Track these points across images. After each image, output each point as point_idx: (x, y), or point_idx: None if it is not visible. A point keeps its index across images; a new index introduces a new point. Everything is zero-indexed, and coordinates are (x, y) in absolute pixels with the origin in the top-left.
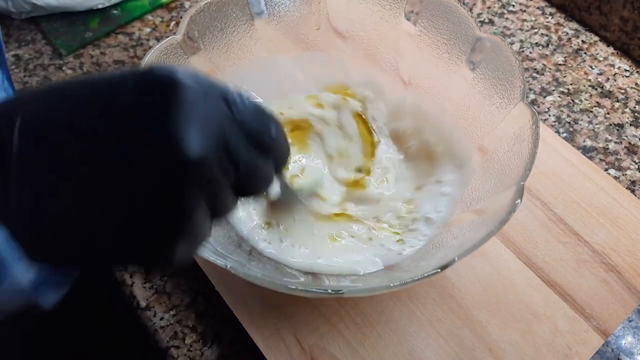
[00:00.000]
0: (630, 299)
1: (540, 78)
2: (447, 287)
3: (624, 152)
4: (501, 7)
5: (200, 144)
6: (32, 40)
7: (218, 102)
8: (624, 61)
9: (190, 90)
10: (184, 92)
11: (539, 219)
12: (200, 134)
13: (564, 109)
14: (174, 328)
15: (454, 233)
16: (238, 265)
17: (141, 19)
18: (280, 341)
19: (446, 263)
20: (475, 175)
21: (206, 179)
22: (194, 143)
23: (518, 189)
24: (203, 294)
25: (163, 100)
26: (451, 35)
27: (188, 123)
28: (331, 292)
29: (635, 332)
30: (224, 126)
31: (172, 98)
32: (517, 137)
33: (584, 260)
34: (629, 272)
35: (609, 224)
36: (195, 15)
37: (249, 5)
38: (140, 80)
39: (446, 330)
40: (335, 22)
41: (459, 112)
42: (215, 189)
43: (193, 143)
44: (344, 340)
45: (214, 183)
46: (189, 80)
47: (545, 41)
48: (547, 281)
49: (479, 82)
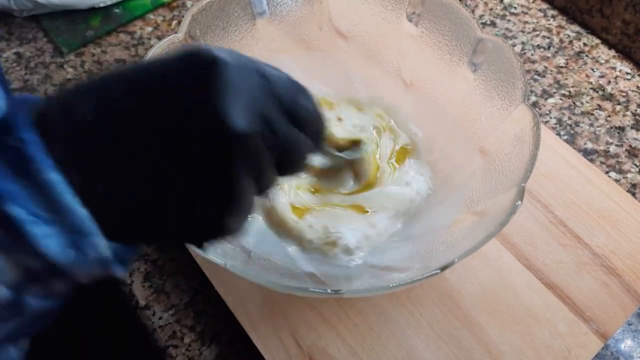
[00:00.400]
0: (630, 302)
1: (542, 80)
2: (447, 288)
3: (625, 155)
4: (503, 9)
5: (245, 120)
6: (34, 38)
7: (257, 77)
8: (625, 64)
9: (231, 68)
10: (225, 70)
11: (540, 221)
12: (244, 110)
13: (565, 111)
14: (172, 327)
15: (454, 234)
16: (237, 264)
17: (143, 18)
18: (278, 341)
19: (445, 264)
20: (475, 177)
21: (253, 153)
22: (240, 119)
23: (518, 190)
24: (202, 293)
25: (207, 80)
26: (453, 36)
27: (232, 100)
28: (330, 292)
29: (635, 336)
30: (264, 102)
31: (215, 77)
32: (518, 138)
33: (584, 262)
34: (629, 275)
35: (610, 226)
36: (197, 14)
37: (251, 5)
38: (184, 65)
39: (445, 332)
40: (337, 23)
41: (460, 114)
42: (262, 164)
43: (239, 119)
44: (343, 341)
45: (261, 158)
46: (228, 57)
47: (547, 43)
48: (547, 283)
49: (481, 83)
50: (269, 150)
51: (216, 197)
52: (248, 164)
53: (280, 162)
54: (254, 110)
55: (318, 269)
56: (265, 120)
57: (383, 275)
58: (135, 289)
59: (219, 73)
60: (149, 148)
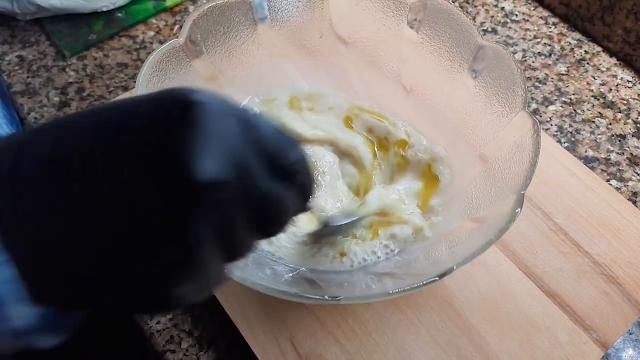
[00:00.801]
0: (631, 311)
1: (543, 88)
2: (446, 295)
3: (626, 164)
4: (504, 16)
5: (212, 167)
6: (37, 41)
7: (237, 123)
8: (627, 72)
9: (207, 110)
10: (200, 111)
11: (540, 229)
12: (214, 157)
13: (567, 119)
14: (170, 332)
15: (454, 241)
16: (235, 270)
17: (145, 23)
18: (276, 347)
19: (445, 271)
20: (475, 184)
21: (218, 208)
22: (206, 166)
23: (518, 198)
24: None
25: (177, 120)
26: (454, 43)
27: (201, 144)
28: (328, 299)
29: (636, 346)
30: (242, 150)
31: (187, 118)
32: (518, 146)
33: (584, 271)
34: (630, 284)
35: (610, 235)
36: (198, 19)
37: (252, 11)
38: (157, 101)
39: (444, 340)
40: (339, 29)
41: (460, 120)
42: (230, 222)
43: (205, 166)
44: (341, 347)
45: (229, 215)
46: (207, 99)
47: (549, 51)
48: (547, 292)
49: (481, 90)
50: (245, 208)
51: (166, 255)
52: (210, 219)
53: (261, 222)
54: (226, 157)
55: (316, 275)
56: (241, 172)
57: (382, 282)
58: None
59: (192, 113)
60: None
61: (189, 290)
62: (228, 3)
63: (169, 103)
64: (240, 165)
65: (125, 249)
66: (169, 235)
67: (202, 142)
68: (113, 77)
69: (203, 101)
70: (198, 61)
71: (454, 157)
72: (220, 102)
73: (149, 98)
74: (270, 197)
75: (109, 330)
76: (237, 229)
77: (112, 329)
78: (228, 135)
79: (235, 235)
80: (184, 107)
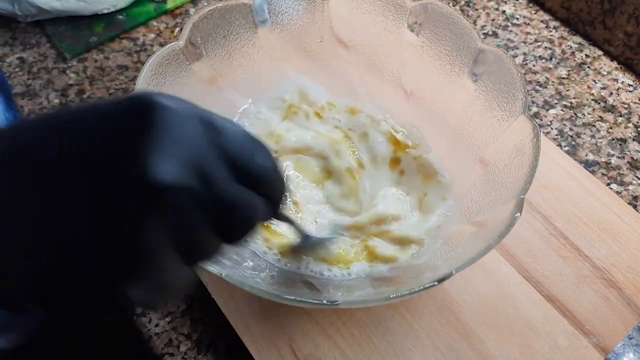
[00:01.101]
0: (631, 315)
1: (543, 91)
2: (446, 299)
3: (627, 167)
4: (505, 19)
5: (170, 170)
6: (37, 43)
7: (200, 127)
8: (627, 76)
9: (169, 113)
10: (162, 114)
11: (540, 233)
12: (172, 159)
13: (567, 122)
14: (168, 335)
15: (453, 245)
16: (233, 273)
17: (146, 25)
18: (275, 351)
19: (444, 276)
20: (475, 187)
21: (175, 211)
22: (163, 168)
23: (518, 202)
24: (199, 301)
25: (138, 122)
26: (454, 46)
27: (160, 146)
28: (327, 303)
29: (636, 350)
30: (203, 153)
31: (148, 120)
32: (517, 149)
33: (584, 275)
34: (630, 288)
35: (610, 239)
36: (198, 22)
37: (252, 13)
38: (121, 104)
39: (443, 344)
40: (339, 32)
41: (460, 124)
42: (189, 226)
43: (161, 167)
44: (340, 351)
45: (186, 218)
46: (169, 103)
47: (549, 54)
48: (547, 296)
49: (481, 93)
50: (205, 211)
51: (117, 260)
52: (165, 222)
53: (223, 227)
54: (186, 163)
55: (315, 279)
56: (201, 175)
57: (381, 286)
58: None
59: (152, 116)
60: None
61: (146, 291)
62: (228, 6)
63: (132, 106)
64: (200, 169)
65: (77, 248)
66: (122, 235)
67: (160, 145)
68: (113, 79)
69: (166, 105)
70: (198, 63)
71: (454, 160)
72: (185, 107)
73: (115, 101)
74: (232, 202)
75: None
76: (196, 233)
77: (111, 332)
78: (189, 139)
79: (195, 239)
80: (146, 110)
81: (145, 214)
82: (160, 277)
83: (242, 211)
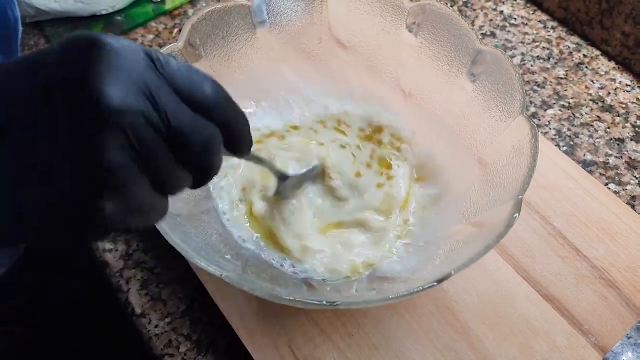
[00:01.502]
0: (629, 315)
1: (541, 91)
2: (445, 300)
3: (625, 167)
4: (503, 20)
5: (119, 94)
6: (36, 44)
7: (146, 58)
8: (625, 76)
9: (112, 47)
10: (105, 47)
11: (538, 233)
12: (119, 85)
13: (565, 122)
14: (168, 336)
15: (452, 246)
16: (233, 274)
17: (145, 26)
18: (275, 351)
19: (443, 276)
20: (474, 188)
21: (131, 132)
22: (113, 92)
23: (516, 203)
24: (199, 302)
25: (84, 57)
26: (452, 47)
27: (107, 74)
28: (326, 304)
29: (635, 350)
30: (149, 79)
31: (93, 54)
32: (516, 150)
33: (583, 275)
34: (629, 288)
35: (609, 239)
36: (197, 23)
37: (251, 15)
38: (67, 44)
39: (443, 344)
40: (337, 33)
41: (458, 124)
42: (147, 147)
43: (111, 93)
44: (339, 351)
45: (143, 139)
46: (112, 39)
47: (547, 55)
48: (546, 296)
49: (479, 94)
50: (160, 133)
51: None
52: (124, 141)
53: (186, 155)
54: (135, 88)
55: (314, 280)
56: (151, 99)
57: (380, 287)
58: (131, 297)
59: (97, 50)
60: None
61: (120, 210)
62: (227, 7)
63: (79, 42)
64: (149, 93)
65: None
66: (87, 155)
67: (107, 73)
68: None
69: (110, 40)
70: (197, 65)
71: (452, 161)
72: (128, 42)
73: (62, 42)
74: (185, 124)
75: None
76: (155, 155)
77: (111, 332)
78: (135, 67)
79: (155, 160)
80: (93, 45)
81: (105, 136)
82: (132, 199)
83: (198, 136)
